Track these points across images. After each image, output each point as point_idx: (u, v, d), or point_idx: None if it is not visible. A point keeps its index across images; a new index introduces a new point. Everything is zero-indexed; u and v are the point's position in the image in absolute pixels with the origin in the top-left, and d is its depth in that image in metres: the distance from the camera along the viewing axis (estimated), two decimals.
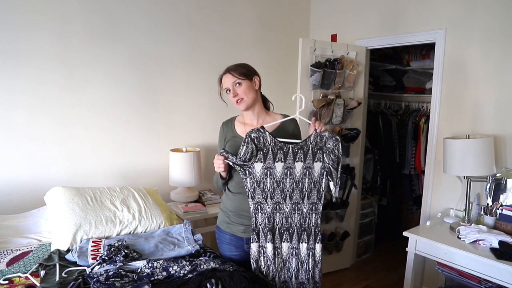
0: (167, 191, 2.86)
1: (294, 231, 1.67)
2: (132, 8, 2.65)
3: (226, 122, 1.86)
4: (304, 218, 1.67)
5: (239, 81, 1.71)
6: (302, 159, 1.64)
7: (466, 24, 2.53)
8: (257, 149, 1.63)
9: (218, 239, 1.87)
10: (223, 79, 1.75)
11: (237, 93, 1.71)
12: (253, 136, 1.62)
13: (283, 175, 1.65)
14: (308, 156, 1.64)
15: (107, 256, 1.68)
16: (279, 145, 1.64)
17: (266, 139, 1.64)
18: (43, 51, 2.35)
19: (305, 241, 1.68)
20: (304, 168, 1.65)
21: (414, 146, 3.71)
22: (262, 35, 3.35)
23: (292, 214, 1.67)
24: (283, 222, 1.67)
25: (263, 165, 1.64)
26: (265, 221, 1.66)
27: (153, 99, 2.83)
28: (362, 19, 3.22)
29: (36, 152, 2.40)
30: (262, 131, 1.64)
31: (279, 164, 1.64)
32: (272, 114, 1.83)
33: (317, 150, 1.64)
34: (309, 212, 1.67)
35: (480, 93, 2.49)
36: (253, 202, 1.65)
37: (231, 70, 1.73)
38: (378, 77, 4.11)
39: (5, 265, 1.74)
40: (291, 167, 1.65)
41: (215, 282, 1.50)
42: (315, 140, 1.64)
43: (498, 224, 2.25)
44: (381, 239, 3.96)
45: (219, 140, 1.87)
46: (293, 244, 1.68)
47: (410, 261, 2.38)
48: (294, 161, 1.64)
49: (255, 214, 1.65)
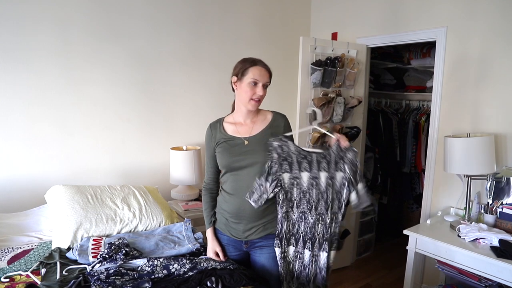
0: (168, 189, 2.87)
1: (316, 240, 1.66)
2: (133, 7, 2.65)
3: (214, 124, 1.78)
4: (326, 229, 1.66)
5: (269, 83, 1.68)
6: (326, 169, 1.62)
7: (467, 22, 2.52)
8: (282, 159, 1.61)
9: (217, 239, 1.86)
10: (259, 71, 1.63)
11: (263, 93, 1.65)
12: (275, 144, 1.61)
13: (309, 186, 1.63)
14: (331, 165, 1.62)
15: (108, 254, 1.68)
16: (303, 154, 1.63)
17: (290, 148, 1.62)
18: (43, 49, 2.35)
19: (325, 250, 1.67)
20: (328, 178, 1.63)
21: (415, 144, 3.71)
22: (262, 33, 3.35)
23: (316, 225, 1.65)
24: (307, 231, 1.66)
25: (290, 175, 1.62)
26: (290, 227, 1.65)
27: (153, 97, 2.83)
28: (362, 17, 3.21)
29: (36, 150, 2.41)
30: (285, 140, 1.62)
31: (304, 174, 1.63)
32: (262, 112, 1.78)
33: (339, 159, 1.62)
34: (330, 222, 1.66)
35: (481, 91, 2.49)
36: (281, 211, 1.64)
37: (268, 69, 1.67)
38: (379, 76, 4.11)
39: (6, 263, 1.74)
40: (317, 177, 1.63)
41: (215, 280, 1.51)
42: (337, 150, 1.62)
43: (498, 223, 2.25)
44: (381, 238, 3.96)
45: (206, 143, 1.79)
46: (314, 252, 1.67)
47: (410, 260, 2.38)
48: (319, 171, 1.63)
49: (282, 222, 1.64)
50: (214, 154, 1.75)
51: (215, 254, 1.77)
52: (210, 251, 1.78)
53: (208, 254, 1.79)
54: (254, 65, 1.64)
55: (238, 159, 1.66)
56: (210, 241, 1.80)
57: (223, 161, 1.71)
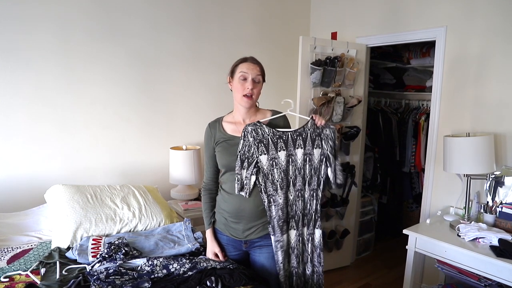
0: (167, 189, 2.87)
1: (299, 218, 1.70)
2: (133, 7, 2.65)
3: (213, 123, 1.78)
4: (305, 204, 1.70)
5: (260, 78, 1.68)
6: (302, 146, 1.66)
7: (467, 22, 2.52)
8: (258, 142, 1.62)
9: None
10: (247, 65, 1.66)
11: (254, 88, 1.66)
12: (249, 129, 1.63)
13: (287, 164, 1.66)
14: (308, 142, 1.67)
15: (107, 254, 1.68)
16: (277, 134, 1.65)
17: (264, 130, 1.64)
18: (43, 48, 2.35)
19: (306, 226, 1.71)
20: (304, 154, 1.67)
21: (414, 144, 3.71)
22: (262, 33, 3.35)
23: (296, 201, 1.69)
24: (289, 210, 1.68)
25: (267, 156, 1.64)
26: (279, 213, 1.66)
27: (153, 97, 2.83)
28: (362, 17, 3.21)
29: (36, 149, 2.41)
30: (259, 124, 1.65)
31: (281, 153, 1.65)
32: (262, 111, 1.79)
33: (315, 136, 1.67)
34: (310, 198, 1.69)
35: (480, 91, 2.49)
36: (266, 196, 1.65)
37: (259, 64, 1.69)
38: (378, 75, 4.11)
39: (5, 262, 1.74)
40: (292, 154, 1.66)
41: (215, 279, 1.51)
42: (312, 127, 1.67)
43: (497, 222, 2.25)
44: (381, 237, 3.97)
45: (205, 142, 1.78)
46: (299, 230, 1.71)
47: (410, 259, 2.38)
48: (295, 148, 1.66)
49: (269, 207, 1.65)
50: (214, 154, 1.75)
51: (214, 255, 1.77)
52: (210, 252, 1.78)
53: (207, 255, 1.79)
54: (244, 61, 1.69)
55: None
56: (210, 242, 1.80)
57: (223, 161, 1.71)
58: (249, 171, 1.62)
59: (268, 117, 1.75)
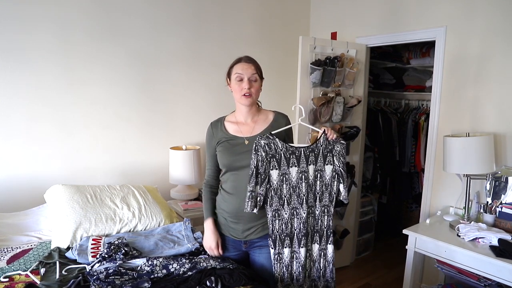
0: (167, 189, 2.87)
1: (309, 234, 1.68)
2: (133, 7, 2.65)
3: (215, 123, 1.78)
4: (316, 220, 1.69)
5: (257, 76, 1.68)
6: (314, 162, 1.65)
7: (467, 22, 2.52)
8: (270, 157, 1.61)
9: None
10: (241, 66, 1.67)
11: (251, 87, 1.66)
12: (262, 143, 1.60)
13: (298, 180, 1.65)
14: (319, 159, 1.65)
15: (107, 254, 1.68)
16: (291, 150, 1.64)
17: (277, 144, 1.62)
18: (43, 48, 2.35)
19: (317, 242, 1.70)
20: (316, 171, 1.65)
21: (414, 144, 3.71)
22: (262, 33, 3.35)
23: (308, 219, 1.67)
24: (301, 227, 1.66)
25: (279, 171, 1.63)
26: (282, 227, 1.65)
27: (153, 97, 2.83)
28: (362, 17, 3.21)
29: (36, 149, 2.41)
30: (272, 138, 1.62)
31: (293, 169, 1.64)
32: (264, 111, 1.79)
33: (327, 153, 1.66)
34: (321, 214, 1.69)
35: (480, 91, 2.49)
36: (271, 210, 1.64)
37: (254, 62, 1.69)
38: (378, 75, 4.11)
39: (5, 263, 1.74)
40: (305, 171, 1.64)
41: (214, 279, 1.51)
42: (324, 143, 1.66)
43: (497, 222, 2.25)
44: (380, 237, 3.96)
45: (207, 142, 1.78)
46: (308, 246, 1.69)
47: (409, 259, 2.38)
48: (307, 165, 1.65)
49: (273, 221, 1.64)
50: (215, 153, 1.75)
51: (215, 245, 1.73)
52: (209, 241, 1.74)
53: (204, 245, 1.77)
54: (238, 62, 1.70)
55: (238, 158, 1.67)
56: (210, 231, 1.75)
57: (224, 160, 1.71)
58: (262, 187, 1.61)
59: (270, 118, 1.75)
